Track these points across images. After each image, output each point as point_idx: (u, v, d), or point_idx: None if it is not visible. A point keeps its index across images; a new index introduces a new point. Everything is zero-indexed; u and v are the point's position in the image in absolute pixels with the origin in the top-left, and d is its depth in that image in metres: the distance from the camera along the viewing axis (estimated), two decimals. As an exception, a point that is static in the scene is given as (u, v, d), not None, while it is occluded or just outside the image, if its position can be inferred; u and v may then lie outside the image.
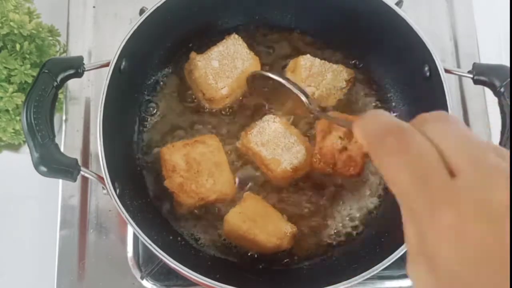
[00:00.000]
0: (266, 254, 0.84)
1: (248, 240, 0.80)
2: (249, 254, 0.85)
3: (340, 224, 0.87)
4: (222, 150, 0.85)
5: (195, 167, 0.82)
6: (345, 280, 0.69)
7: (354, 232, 0.87)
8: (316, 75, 0.88)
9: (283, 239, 0.81)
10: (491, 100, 0.86)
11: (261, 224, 0.80)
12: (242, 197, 0.84)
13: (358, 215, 0.88)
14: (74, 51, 1.02)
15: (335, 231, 0.87)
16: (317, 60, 0.90)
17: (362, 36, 0.95)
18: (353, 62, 0.97)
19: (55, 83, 0.73)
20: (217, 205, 0.86)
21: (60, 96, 0.96)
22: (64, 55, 1.01)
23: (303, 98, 0.81)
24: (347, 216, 0.88)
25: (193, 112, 0.92)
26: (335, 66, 0.90)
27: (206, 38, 0.96)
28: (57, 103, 0.75)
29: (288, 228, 0.81)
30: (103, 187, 0.73)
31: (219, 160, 0.83)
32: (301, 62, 0.89)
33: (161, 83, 0.94)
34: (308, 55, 0.90)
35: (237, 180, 0.87)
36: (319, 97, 0.89)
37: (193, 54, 0.89)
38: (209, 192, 0.81)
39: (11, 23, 0.85)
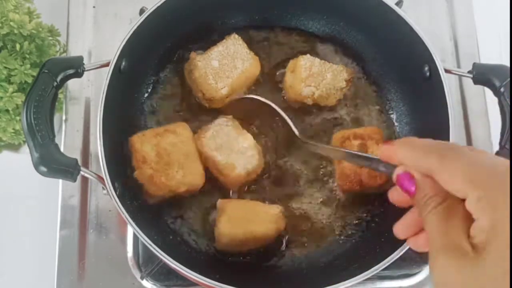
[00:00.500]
0: (266, 249, 0.84)
1: (251, 240, 0.80)
2: (249, 254, 0.85)
3: (341, 224, 0.87)
4: (192, 140, 0.84)
5: (165, 158, 0.81)
6: (345, 280, 0.69)
7: (354, 232, 0.87)
8: (316, 75, 0.88)
9: (278, 221, 0.81)
10: (491, 100, 0.86)
11: (253, 219, 0.80)
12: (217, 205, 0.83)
13: (358, 215, 0.88)
14: (74, 51, 1.02)
15: (335, 231, 0.87)
16: (317, 60, 0.89)
17: (362, 36, 0.95)
18: (353, 62, 0.97)
19: (55, 83, 0.73)
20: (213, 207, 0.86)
21: (60, 96, 0.96)
22: (64, 55, 1.01)
23: (295, 131, 0.85)
24: (348, 216, 0.88)
25: (193, 112, 0.92)
26: (335, 66, 0.90)
27: (206, 38, 0.96)
28: (57, 103, 0.75)
29: (275, 209, 0.82)
30: (103, 187, 0.73)
31: (189, 150, 0.82)
32: (301, 62, 0.89)
33: (161, 83, 0.94)
34: (308, 55, 0.90)
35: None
36: (319, 97, 0.89)
37: (193, 54, 0.89)
38: (178, 184, 0.81)
39: (11, 23, 0.85)
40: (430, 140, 0.49)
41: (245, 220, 0.80)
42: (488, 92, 0.80)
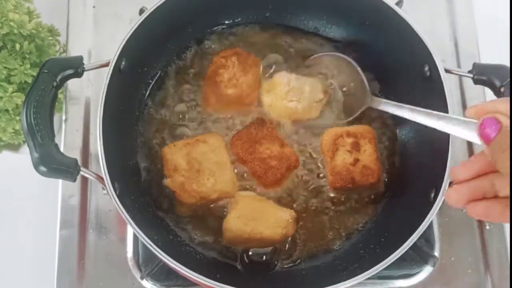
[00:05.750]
0: (266, 249, 0.84)
1: (255, 240, 0.81)
2: (249, 254, 0.84)
3: (341, 225, 0.87)
4: (225, 148, 0.85)
5: (196, 166, 0.82)
6: (345, 280, 0.69)
7: (355, 233, 0.87)
8: (295, 89, 0.88)
9: (288, 227, 0.81)
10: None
11: (263, 221, 0.80)
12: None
13: (358, 215, 0.88)
14: (74, 51, 1.02)
15: (336, 231, 0.87)
16: (293, 75, 0.89)
17: (362, 36, 0.95)
18: (353, 62, 0.97)
19: (55, 83, 0.73)
20: (215, 207, 0.86)
21: (60, 96, 0.96)
22: (64, 55, 1.01)
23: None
24: (347, 216, 0.88)
25: (193, 111, 0.92)
26: (310, 79, 0.90)
27: (206, 38, 0.96)
28: (57, 103, 0.75)
29: (287, 215, 0.82)
30: (103, 187, 0.73)
31: (220, 159, 0.83)
32: (278, 79, 0.88)
33: (161, 82, 0.94)
34: (284, 72, 0.90)
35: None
36: (303, 111, 0.89)
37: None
38: (210, 191, 0.82)
39: (11, 23, 0.85)
40: None
41: (255, 220, 0.80)
42: (488, 92, 0.80)
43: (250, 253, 0.84)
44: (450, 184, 0.60)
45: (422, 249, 0.85)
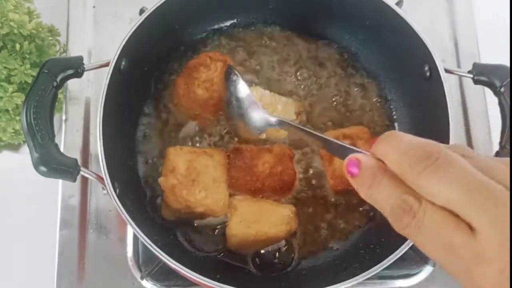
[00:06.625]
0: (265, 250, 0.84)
1: (261, 241, 0.81)
2: (249, 254, 0.84)
3: (340, 225, 0.87)
4: (225, 168, 0.84)
5: (193, 175, 0.81)
6: (345, 280, 0.69)
7: (354, 233, 0.87)
8: (268, 105, 0.87)
9: (290, 222, 0.82)
10: (491, 100, 0.86)
11: (265, 221, 0.80)
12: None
13: (358, 215, 0.88)
14: (74, 51, 1.02)
15: (335, 231, 0.87)
16: (267, 92, 0.88)
17: (362, 36, 0.95)
18: (352, 62, 0.97)
19: (55, 83, 0.73)
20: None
21: (60, 96, 0.96)
22: (64, 55, 1.02)
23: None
24: (347, 217, 0.88)
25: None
26: (284, 98, 0.89)
27: (206, 38, 0.96)
28: (57, 103, 0.75)
29: (287, 211, 0.82)
30: (103, 187, 0.73)
31: (219, 177, 0.83)
32: (252, 93, 0.87)
33: (161, 83, 0.94)
34: (258, 87, 0.89)
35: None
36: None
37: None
38: (197, 204, 0.81)
39: (11, 23, 0.85)
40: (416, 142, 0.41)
41: (257, 221, 0.80)
42: (488, 92, 0.80)
43: (249, 253, 0.84)
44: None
45: (422, 249, 0.84)
